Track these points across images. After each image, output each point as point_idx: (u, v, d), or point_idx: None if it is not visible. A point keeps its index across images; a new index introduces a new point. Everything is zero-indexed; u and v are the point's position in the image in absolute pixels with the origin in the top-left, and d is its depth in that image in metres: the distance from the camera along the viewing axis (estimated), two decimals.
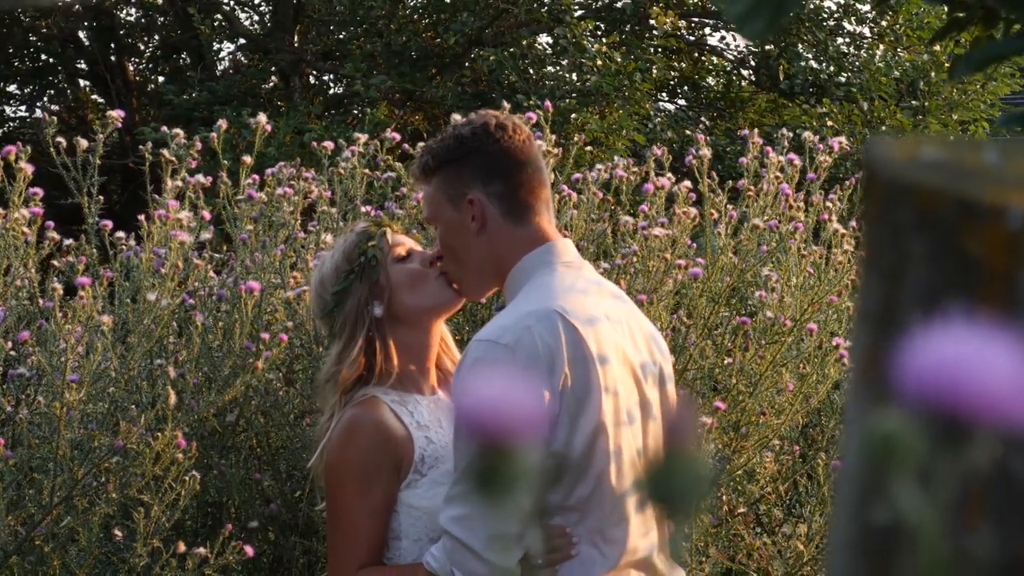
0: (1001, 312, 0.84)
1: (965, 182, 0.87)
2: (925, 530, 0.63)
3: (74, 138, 5.43)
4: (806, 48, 14.29)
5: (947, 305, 0.86)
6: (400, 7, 13.57)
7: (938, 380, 0.58)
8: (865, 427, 0.65)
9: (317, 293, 3.30)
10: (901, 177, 0.89)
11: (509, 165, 3.05)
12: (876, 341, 0.90)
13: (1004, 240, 0.84)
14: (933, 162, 0.91)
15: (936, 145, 0.94)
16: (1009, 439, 0.84)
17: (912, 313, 0.87)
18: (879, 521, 0.89)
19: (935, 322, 0.59)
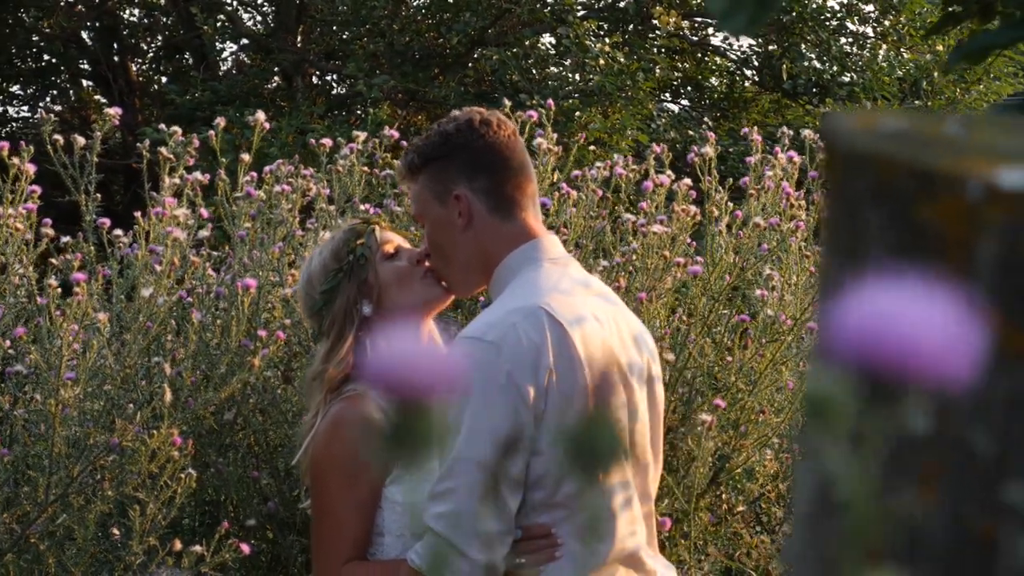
0: (960, 283, 0.82)
1: (923, 152, 0.85)
2: (853, 491, 0.61)
3: (71, 136, 5.42)
4: (809, 48, 14.28)
5: (905, 277, 0.84)
6: (403, 7, 13.57)
7: (868, 337, 0.56)
8: (807, 389, 0.63)
9: (305, 292, 3.30)
10: (859, 147, 0.87)
11: (494, 160, 3.05)
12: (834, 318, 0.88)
13: (962, 211, 0.82)
14: (892, 132, 0.89)
15: (897, 117, 0.92)
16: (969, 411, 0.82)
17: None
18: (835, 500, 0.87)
19: (869, 280, 0.57)
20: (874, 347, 0.56)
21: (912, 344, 0.56)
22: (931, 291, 0.57)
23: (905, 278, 0.57)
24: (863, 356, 0.56)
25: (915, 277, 0.59)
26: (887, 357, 0.56)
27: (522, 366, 2.77)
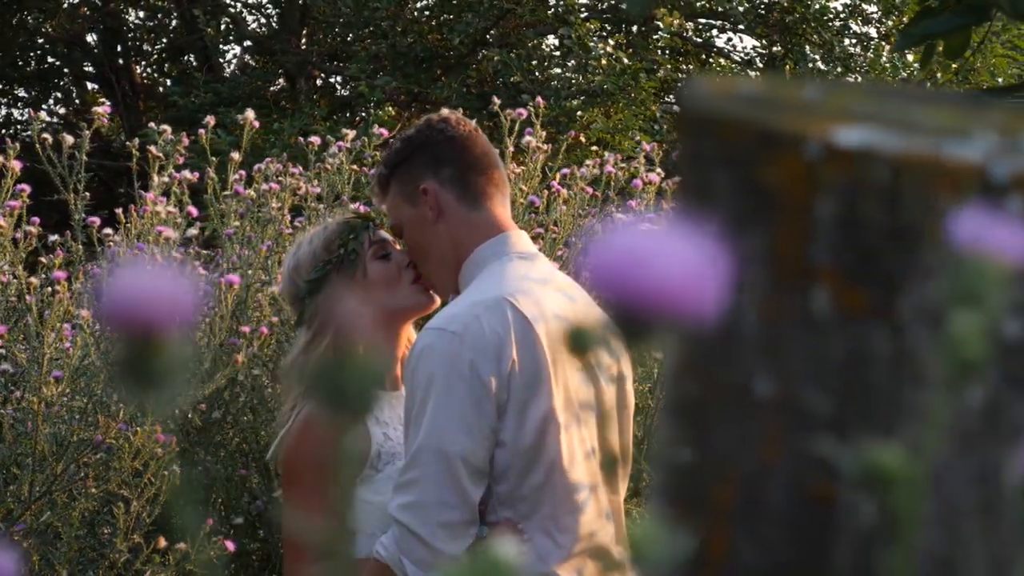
0: (799, 243, 0.82)
1: (767, 114, 0.84)
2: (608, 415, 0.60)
3: (60, 135, 5.43)
4: (813, 49, 14.25)
5: (746, 240, 0.83)
6: (405, 9, 13.57)
7: (616, 274, 0.56)
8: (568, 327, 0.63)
9: (290, 277, 3.28)
10: (707, 110, 0.86)
11: (456, 150, 3.08)
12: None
13: (801, 170, 0.81)
14: (744, 96, 0.88)
15: (757, 82, 0.92)
16: (806, 371, 0.82)
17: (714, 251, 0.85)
18: (681, 464, 0.87)
19: (621, 221, 0.57)
20: (622, 284, 0.56)
21: (657, 281, 0.56)
22: (679, 233, 0.57)
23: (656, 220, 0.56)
24: (614, 292, 0.56)
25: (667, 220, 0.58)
26: (634, 294, 0.56)
27: (485, 356, 2.78)
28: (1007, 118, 0.87)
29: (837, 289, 0.81)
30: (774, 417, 0.83)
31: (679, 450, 0.87)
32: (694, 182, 0.86)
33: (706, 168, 0.85)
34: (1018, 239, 0.67)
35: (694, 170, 0.87)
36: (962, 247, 0.67)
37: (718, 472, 0.85)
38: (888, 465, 0.67)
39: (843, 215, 0.80)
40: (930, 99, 0.93)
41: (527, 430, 2.82)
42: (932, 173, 0.79)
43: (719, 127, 0.85)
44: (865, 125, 0.82)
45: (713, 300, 0.58)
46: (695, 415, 0.86)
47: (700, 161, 0.86)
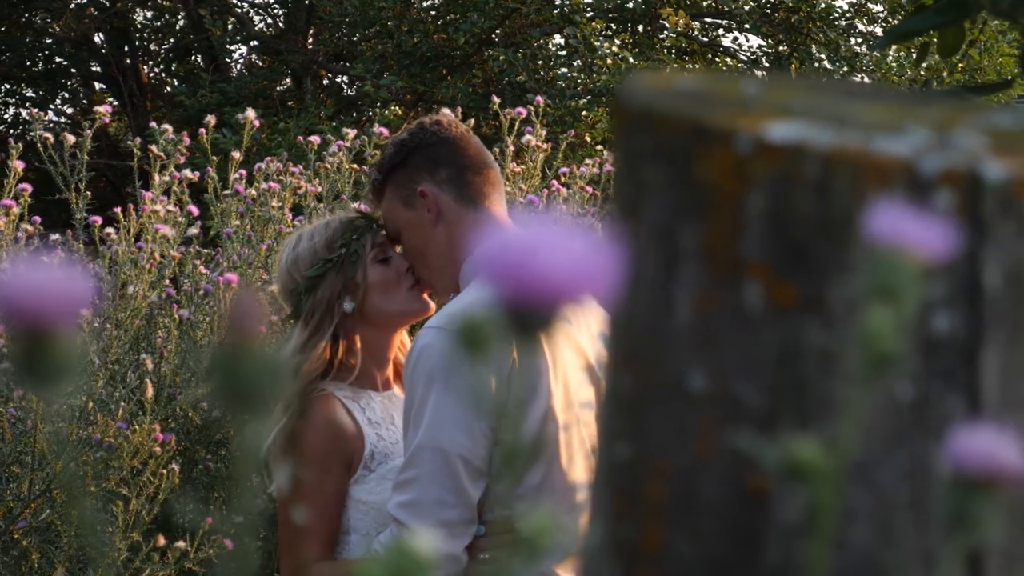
0: (731, 237, 0.82)
1: (701, 109, 0.85)
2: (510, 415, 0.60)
3: (62, 134, 5.43)
4: (819, 48, 14.23)
5: (679, 235, 0.83)
6: (411, 8, 13.57)
7: (505, 268, 0.56)
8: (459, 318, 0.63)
9: (287, 271, 3.27)
10: (643, 105, 0.86)
11: (451, 151, 3.07)
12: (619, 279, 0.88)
13: (733, 164, 0.82)
14: (681, 91, 0.88)
15: (696, 77, 0.92)
16: (739, 365, 0.82)
17: (648, 246, 0.85)
18: (619, 458, 0.87)
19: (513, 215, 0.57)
20: (511, 277, 0.56)
21: (545, 273, 0.56)
22: (567, 226, 0.57)
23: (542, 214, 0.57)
24: (503, 286, 0.56)
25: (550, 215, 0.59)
26: (523, 286, 0.56)
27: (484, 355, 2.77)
28: (944, 114, 0.87)
29: (768, 283, 0.81)
30: (708, 411, 0.83)
31: (616, 444, 0.88)
32: (629, 176, 0.86)
33: (641, 162, 0.86)
34: (934, 233, 0.67)
35: (629, 165, 0.87)
36: (878, 241, 0.67)
37: (653, 466, 0.85)
38: (806, 459, 0.68)
39: (774, 209, 0.81)
40: (871, 95, 0.93)
41: (526, 428, 2.82)
42: (861, 167, 0.79)
43: (654, 122, 0.85)
44: (797, 120, 0.82)
45: (602, 290, 0.58)
46: (631, 409, 0.87)
47: (635, 156, 0.86)
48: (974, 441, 0.70)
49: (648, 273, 0.85)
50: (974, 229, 0.79)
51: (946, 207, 0.78)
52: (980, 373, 0.80)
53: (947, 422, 0.79)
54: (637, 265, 0.85)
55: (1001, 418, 0.80)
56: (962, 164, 0.79)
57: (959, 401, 0.80)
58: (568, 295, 0.57)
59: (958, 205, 0.79)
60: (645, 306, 0.85)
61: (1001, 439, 0.70)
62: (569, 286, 0.56)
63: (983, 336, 0.80)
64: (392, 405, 3.23)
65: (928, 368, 0.80)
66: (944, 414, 0.80)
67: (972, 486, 0.70)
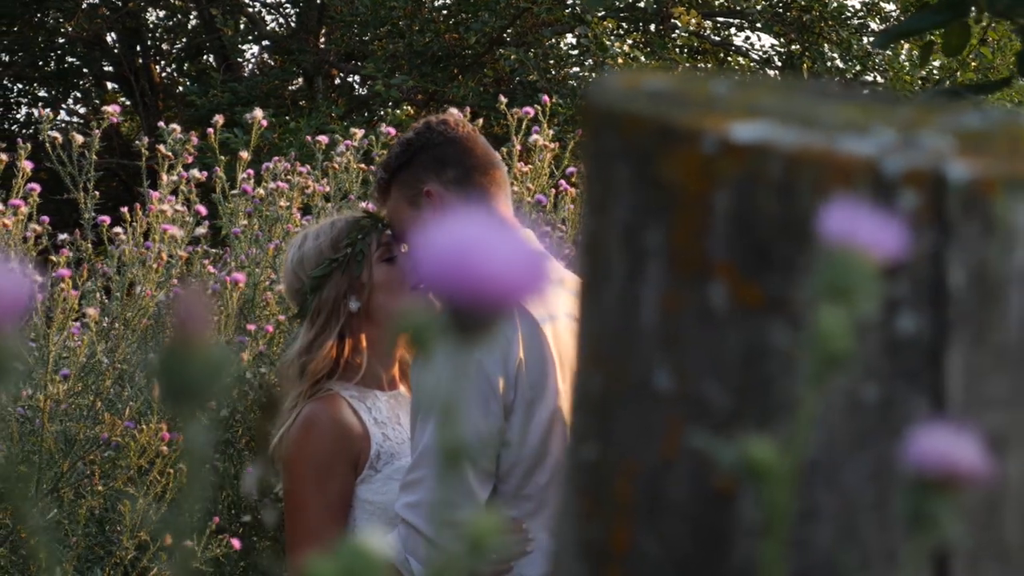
0: (696, 237, 0.82)
1: (668, 109, 0.85)
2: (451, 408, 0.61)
3: (70, 134, 5.45)
4: (831, 47, 14.22)
5: (645, 235, 0.83)
6: (422, 8, 13.58)
7: (442, 268, 0.56)
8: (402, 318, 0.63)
9: (293, 270, 3.28)
10: (610, 105, 0.87)
11: (458, 151, 3.08)
12: (587, 276, 0.88)
13: (699, 164, 0.82)
14: (650, 91, 0.88)
15: (664, 76, 0.92)
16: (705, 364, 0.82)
17: (614, 246, 0.85)
18: (586, 458, 0.87)
19: (450, 215, 0.57)
20: (448, 277, 0.56)
21: (481, 273, 0.56)
22: (502, 224, 0.57)
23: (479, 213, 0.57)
24: (441, 286, 0.56)
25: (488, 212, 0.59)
26: (460, 287, 0.56)
27: (492, 356, 2.78)
28: (913, 114, 0.88)
29: (733, 283, 0.81)
30: (674, 411, 0.83)
31: (584, 445, 0.88)
32: (596, 176, 0.87)
33: (607, 162, 0.86)
34: (888, 233, 0.67)
35: (597, 164, 0.87)
36: (831, 240, 0.67)
37: (620, 466, 0.85)
38: (760, 459, 0.68)
39: (739, 209, 0.81)
40: (843, 96, 0.93)
41: (534, 430, 2.82)
42: (824, 167, 0.79)
43: (621, 122, 0.85)
44: (762, 120, 0.82)
45: (537, 289, 0.58)
46: (598, 408, 0.87)
47: (602, 155, 0.87)
48: (932, 441, 0.70)
49: (615, 273, 0.85)
50: (938, 230, 0.79)
51: (910, 207, 0.79)
52: (944, 374, 0.80)
53: (911, 423, 0.79)
54: (604, 264, 0.86)
55: (965, 418, 0.80)
56: (926, 164, 0.79)
57: (923, 402, 0.80)
58: (506, 297, 0.57)
59: (922, 205, 0.79)
60: (612, 305, 0.86)
61: (960, 439, 0.70)
62: (507, 288, 0.57)
63: (947, 337, 0.80)
64: (398, 404, 3.23)
65: (892, 368, 0.80)
66: (908, 415, 0.80)
67: (930, 486, 0.70)
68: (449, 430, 0.54)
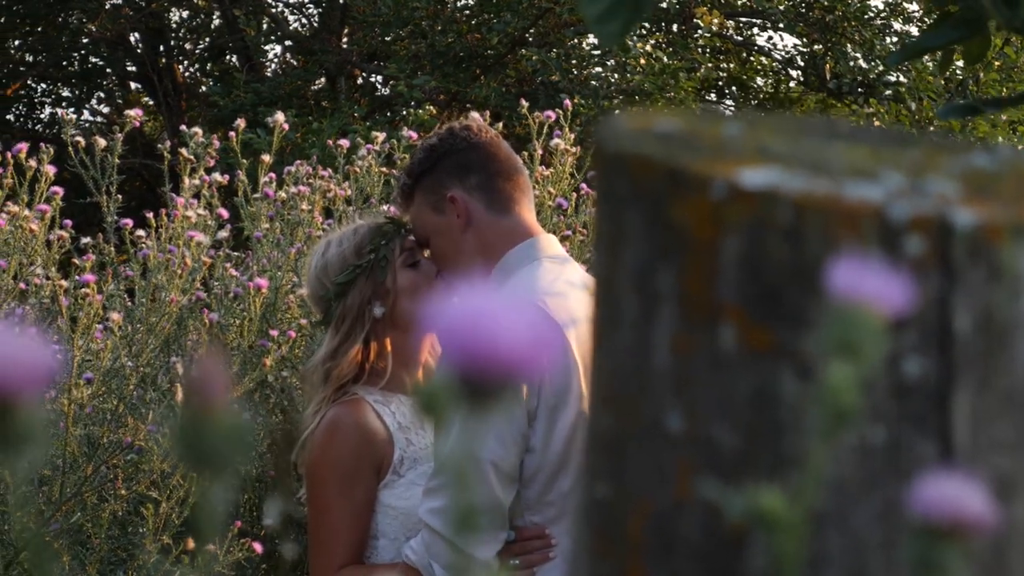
0: (706, 281, 0.83)
1: (678, 153, 0.86)
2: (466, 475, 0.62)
3: (92, 137, 5.47)
4: (854, 47, 14.19)
5: (657, 278, 0.85)
6: (444, 8, 13.59)
7: (456, 337, 0.57)
8: (416, 386, 0.64)
9: (317, 277, 3.28)
10: (621, 149, 0.88)
11: (481, 157, 3.08)
12: (599, 318, 0.89)
13: (708, 210, 0.83)
14: (661, 134, 0.89)
15: (676, 117, 0.93)
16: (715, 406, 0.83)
17: (627, 288, 0.86)
18: (600, 496, 0.89)
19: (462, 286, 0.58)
20: (461, 347, 0.57)
21: (491, 345, 0.57)
22: (514, 297, 0.58)
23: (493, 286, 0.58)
24: (455, 355, 0.57)
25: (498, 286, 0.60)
26: (472, 356, 0.57)
27: None
28: (921, 157, 0.88)
29: (743, 327, 0.82)
30: (686, 452, 0.84)
31: (597, 483, 0.89)
32: (608, 219, 0.88)
33: (619, 205, 0.87)
34: (894, 287, 0.68)
35: (608, 207, 0.88)
36: (838, 295, 0.68)
37: (633, 506, 0.86)
38: (769, 509, 0.69)
39: (748, 254, 0.82)
40: (854, 136, 0.94)
41: (557, 436, 2.82)
42: (832, 214, 0.80)
43: (632, 165, 0.86)
44: (771, 166, 0.83)
45: (544, 362, 0.59)
46: (611, 448, 0.88)
47: (614, 198, 0.88)
48: (939, 489, 0.71)
49: (627, 315, 0.86)
50: (944, 275, 0.80)
51: (916, 253, 0.79)
52: (951, 418, 0.81)
53: (919, 466, 0.80)
54: (616, 306, 0.87)
55: (972, 463, 0.81)
56: (932, 210, 0.80)
57: (931, 445, 0.81)
58: (515, 368, 0.58)
59: (928, 251, 0.80)
60: (624, 347, 0.87)
61: (968, 487, 0.71)
62: (516, 359, 0.58)
63: (954, 381, 0.81)
64: None
65: (900, 412, 0.81)
66: (916, 458, 0.81)
67: (937, 534, 0.71)
68: (463, 495, 0.56)
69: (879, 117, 13.37)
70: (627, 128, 0.90)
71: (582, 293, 2.98)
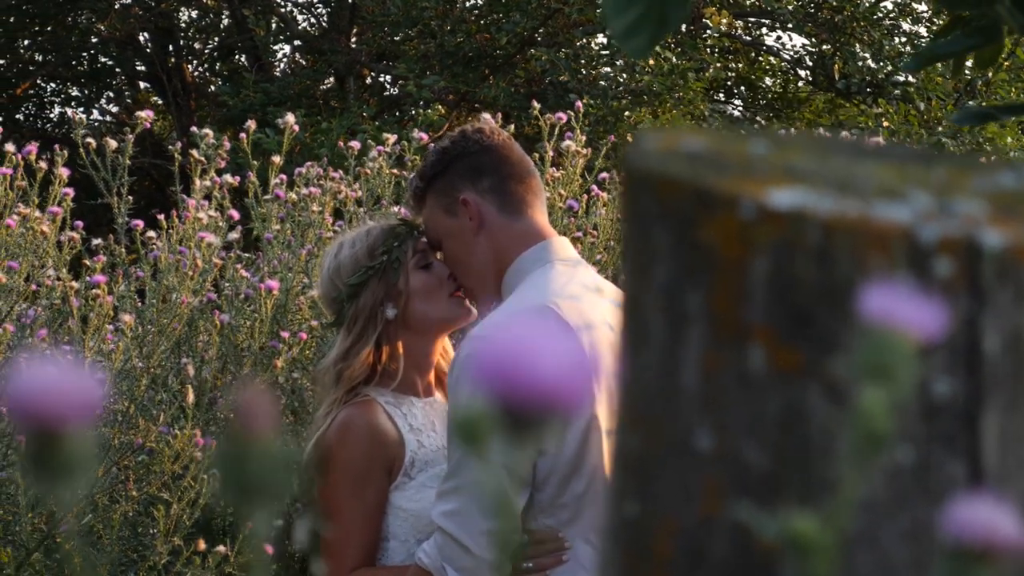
0: (735, 301, 0.83)
1: (705, 173, 0.86)
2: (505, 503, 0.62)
3: (104, 138, 5.48)
4: (862, 48, 14.18)
5: (685, 298, 0.85)
6: (453, 8, 13.59)
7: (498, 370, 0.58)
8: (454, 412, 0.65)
9: (329, 278, 3.29)
10: (649, 168, 0.88)
11: (494, 160, 3.09)
12: (627, 337, 0.90)
13: (736, 230, 0.83)
14: (688, 153, 0.90)
15: (702, 136, 0.93)
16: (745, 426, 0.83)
17: (654, 307, 0.86)
18: (628, 514, 0.89)
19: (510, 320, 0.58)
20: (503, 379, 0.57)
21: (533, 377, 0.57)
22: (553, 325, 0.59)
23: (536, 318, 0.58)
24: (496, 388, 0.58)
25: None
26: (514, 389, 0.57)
27: None
28: (947, 177, 0.89)
29: (772, 347, 0.82)
30: (715, 471, 0.85)
31: (625, 502, 0.89)
32: (636, 239, 0.88)
33: (647, 225, 0.87)
34: (927, 313, 0.68)
35: (636, 227, 0.88)
36: (871, 320, 0.68)
37: (661, 525, 0.87)
38: (803, 532, 0.69)
39: (777, 275, 0.82)
40: (880, 154, 0.94)
41: (570, 438, 2.82)
42: (861, 235, 0.80)
43: (659, 185, 0.87)
44: (799, 186, 0.83)
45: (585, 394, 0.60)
46: (638, 466, 0.88)
47: (641, 218, 0.88)
48: (972, 511, 0.72)
49: (655, 334, 0.86)
50: (973, 296, 0.80)
51: (945, 275, 0.80)
52: (980, 438, 0.81)
53: (948, 486, 0.81)
54: (644, 326, 0.87)
55: (1001, 483, 0.81)
56: (960, 231, 0.80)
57: (960, 466, 0.82)
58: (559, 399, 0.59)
59: (957, 272, 0.80)
60: (652, 366, 0.87)
61: (1000, 510, 0.72)
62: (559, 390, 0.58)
63: (983, 402, 0.81)
64: (433, 411, 3.24)
65: (929, 433, 0.81)
66: (945, 479, 0.81)
67: (969, 556, 0.71)
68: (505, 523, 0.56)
69: (888, 117, 13.36)
70: (654, 147, 0.90)
71: (596, 296, 2.98)
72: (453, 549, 2.81)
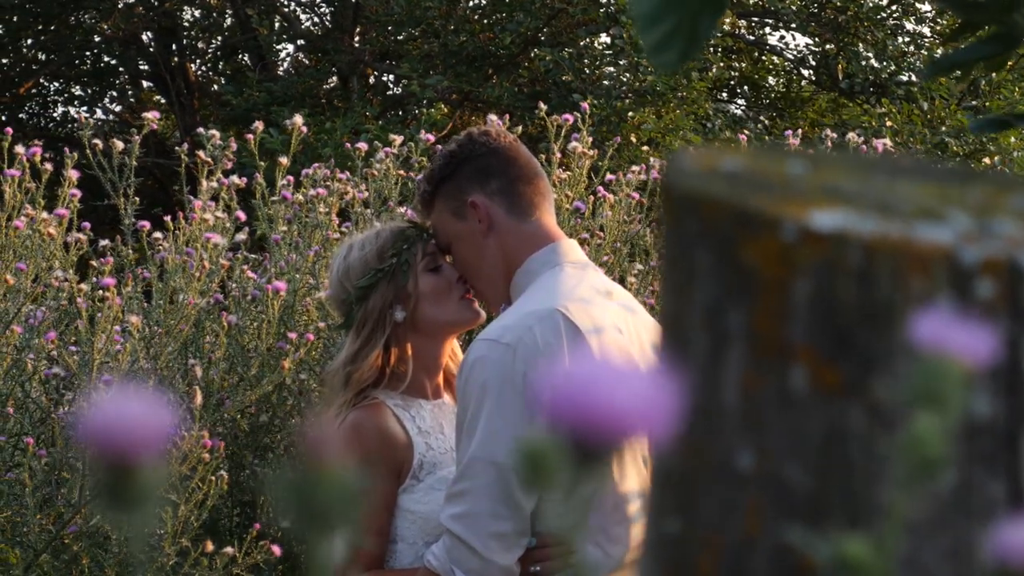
0: (777, 322, 0.84)
1: (747, 194, 0.87)
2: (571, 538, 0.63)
3: (111, 139, 5.48)
4: (866, 47, 14.17)
5: (726, 317, 0.85)
6: (457, 8, 13.59)
7: (568, 401, 0.58)
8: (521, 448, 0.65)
9: (338, 280, 3.28)
10: (690, 188, 0.88)
11: (501, 162, 3.09)
12: (668, 356, 0.90)
13: (778, 251, 0.84)
14: (728, 173, 0.90)
15: (742, 156, 0.94)
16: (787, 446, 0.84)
17: (696, 326, 0.87)
18: (669, 531, 0.89)
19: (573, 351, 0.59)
20: (573, 410, 0.58)
21: (604, 408, 0.58)
22: (620, 360, 0.59)
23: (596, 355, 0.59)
24: (565, 418, 0.58)
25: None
26: (584, 420, 0.58)
27: (537, 368, 2.78)
28: (985, 196, 0.89)
29: (814, 367, 0.83)
30: (756, 490, 0.85)
31: (666, 519, 0.90)
32: (678, 259, 0.89)
33: (688, 245, 0.88)
34: (977, 340, 0.69)
35: (678, 247, 0.89)
36: (923, 347, 0.69)
37: (703, 542, 0.87)
38: (855, 556, 0.70)
39: (819, 295, 0.83)
40: (917, 172, 0.95)
41: None
42: (902, 256, 0.81)
43: (700, 206, 0.87)
44: (840, 207, 0.84)
45: (661, 425, 0.60)
46: (681, 486, 0.89)
47: (682, 238, 0.88)
48: (1016, 534, 0.72)
49: (696, 353, 0.87)
50: (1013, 317, 0.81)
51: (987, 296, 0.80)
52: (1020, 458, 0.82)
53: (989, 506, 0.81)
54: (685, 345, 0.88)
55: None
56: (1002, 253, 0.81)
57: (1000, 486, 0.82)
58: (627, 429, 0.59)
59: (999, 294, 0.81)
60: (694, 386, 0.87)
61: None
62: (628, 421, 0.58)
63: (1023, 422, 0.82)
64: (442, 414, 3.25)
65: (970, 453, 0.82)
66: (986, 498, 0.82)
67: None
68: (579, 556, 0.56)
69: (891, 117, 13.35)
70: (694, 167, 0.91)
71: (605, 300, 2.98)
72: (462, 551, 2.81)
